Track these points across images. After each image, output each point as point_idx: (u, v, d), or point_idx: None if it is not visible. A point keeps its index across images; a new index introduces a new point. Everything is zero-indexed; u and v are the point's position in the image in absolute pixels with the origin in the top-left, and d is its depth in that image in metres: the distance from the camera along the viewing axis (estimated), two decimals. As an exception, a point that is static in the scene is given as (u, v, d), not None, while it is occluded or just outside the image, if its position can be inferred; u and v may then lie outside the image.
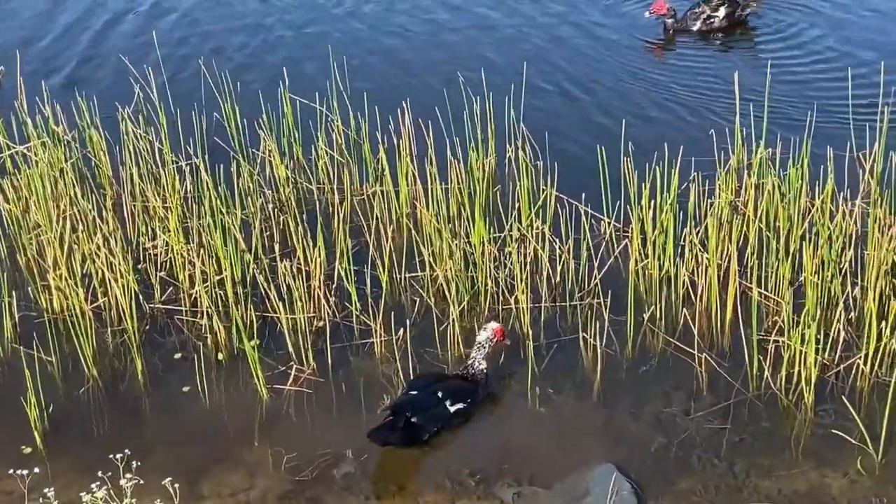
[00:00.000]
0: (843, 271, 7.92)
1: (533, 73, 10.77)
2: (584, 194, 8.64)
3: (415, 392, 7.19)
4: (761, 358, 7.39)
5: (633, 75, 11.15)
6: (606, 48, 11.70)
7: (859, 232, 8.22)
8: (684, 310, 7.88)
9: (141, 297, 8.17)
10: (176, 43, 12.10)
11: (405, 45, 12.04)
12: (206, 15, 12.86)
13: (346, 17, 12.71)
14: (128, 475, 6.17)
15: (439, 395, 7.15)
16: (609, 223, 8.56)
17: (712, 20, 11.97)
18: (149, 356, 7.83)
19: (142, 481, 6.26)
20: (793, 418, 7.15)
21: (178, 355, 7.84)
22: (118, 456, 6.33)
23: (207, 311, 7.89)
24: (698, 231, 8.22)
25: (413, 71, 11.41)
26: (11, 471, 6.56)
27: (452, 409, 7.15)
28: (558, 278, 8.25)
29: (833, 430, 6.99)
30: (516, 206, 8.62)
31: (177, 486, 6.26)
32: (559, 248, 8.31)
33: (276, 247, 8.54)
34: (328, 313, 7.98)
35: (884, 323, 7.35)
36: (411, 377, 7.44)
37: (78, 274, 8.23)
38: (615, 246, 8.43)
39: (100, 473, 6.25)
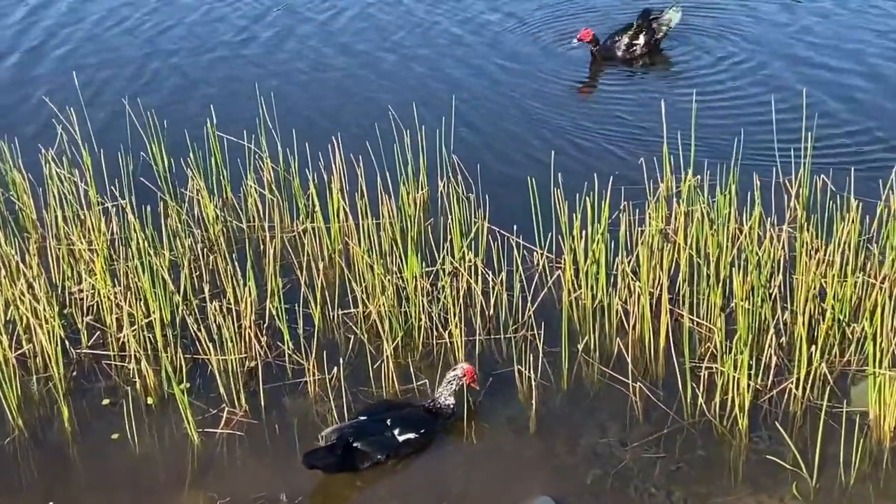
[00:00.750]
0: (773, 296, 7.98)
1: (463, 107, 10.79)
2: (515, 226, 8.63)
3: (364, 417, 7.09)
4: (695, 385, 7.41)
5: (560, 107, 11.19)
6: (535, 81, 11.73)
7: (787, 257, 8.30)
8: (618, 339, 7.89)
9: (67, 342, 8.01)
10: (99, 82, 11.92)
11: (333, 80, 11.99)
12: (123, 52, 12.68)
13: (267, 54, 12.64)
14: (54, 528, 6.03)
15: (388, 422, 7.03)
16: (542, 254, 8.56)
17: (634, 48, 12.08)
18: (76, 403, 7.66)
19: (69, 534, 6.12)
20: (728, 445, 7.17)
21: (106, 401, 7.67)
22: (44, 508, 6.18)
23: (136, 355, 7.74)
24: (630, 260, 8.24)
25: (343, 106, 11.35)
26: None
27: (401, 438, 7.00)
28: (492, 311, 8.22)
29: (767, 456, 7.02)
30: (448, 238, 8.59)
31: (105, 537, 6.13)
32: (492, 280, 8.28)
33: (206, 287, 8.42)
34: (260, 353, 7.87)
35: (814, 347, 7.41)
36: (346, 416, 7.34)
37: (1, 321, 8.03)
38: (548, 277, 8.43)
39: (25, 527, 6.11)
